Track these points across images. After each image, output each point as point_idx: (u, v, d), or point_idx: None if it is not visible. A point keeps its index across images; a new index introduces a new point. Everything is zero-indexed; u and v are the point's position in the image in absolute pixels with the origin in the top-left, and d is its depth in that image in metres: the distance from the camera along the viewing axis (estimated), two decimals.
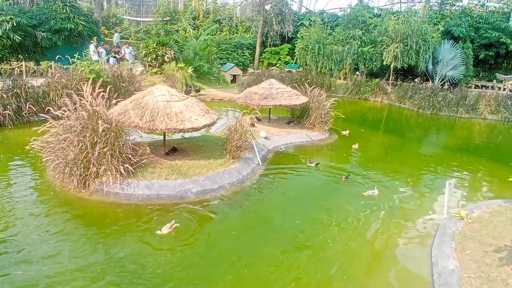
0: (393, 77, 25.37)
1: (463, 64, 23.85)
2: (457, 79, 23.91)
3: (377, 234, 7.15)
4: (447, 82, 23.77)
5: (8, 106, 12.56)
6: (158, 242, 6.47)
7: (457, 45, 24.10)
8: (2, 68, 16.64)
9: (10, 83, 13.14)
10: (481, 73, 26.44)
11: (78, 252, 6.01)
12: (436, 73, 24.27)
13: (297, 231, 7.09)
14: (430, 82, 23.69)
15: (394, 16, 24.46)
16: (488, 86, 24.43)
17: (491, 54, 25.17)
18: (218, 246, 6.48)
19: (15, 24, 17.85)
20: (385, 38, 23.85)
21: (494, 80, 24.30)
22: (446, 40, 24.35)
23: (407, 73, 26.21)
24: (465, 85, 23.56)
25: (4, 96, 12.69)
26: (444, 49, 23.98)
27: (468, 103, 19.98)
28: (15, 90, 12.96)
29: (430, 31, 23.44)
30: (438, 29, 24.45)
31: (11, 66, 17.57)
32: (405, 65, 23.50)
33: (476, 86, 24.71)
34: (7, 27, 17.61)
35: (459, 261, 6.03)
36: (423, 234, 7.26)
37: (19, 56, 19.39)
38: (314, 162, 10.56)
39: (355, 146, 12.66)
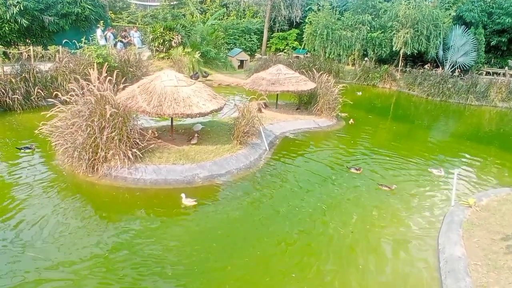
0: (402, 64, 25.05)
1: (474, 51, 23.42)
2: (468, 65, 23.52)
3: (384, 221, 7.15)
4: (457, 68, 23.41)
5: (17, 91, 12.64)
6: (165, 225, 6.56)
7: (468, 30, 23.64)
8: (10, 52, 16.68)
9: (19, 67, 13.20)
10: (492, 59, 26.00)
11: (89, 235, 6.10)
12: (446, 60, 23.88)
13: (306, 218, 7.10)
14: (440, 68, 23.34)
15: (405, 1, 23.99)
16: (499, 73, 24.02)
17: (503, 40, 24.67)
18: (224, 231, 6.54)
19: (22, 8, 17.83)
20: (395, 23, 23.46)
21: (506, 67, 23.85)
22: (457, 25, 23.88)
23: (416, 59, 25.84)
24: (476, 72, 23.17)
25: (13, 80, 12.77)
26: (455, 34, 23.53)
27: (478, 90, 19.70)
28: (23, 75, 13.03)
29: (441, 16, 23.00)
30: (450, 14, 23.97)
31: (19, 50, 17.60)
32: (415, 51, 23.17)
33: (488, 73, 24.31)
34: (14, 11, 17.60)
35: (466, 248, 6.02)
36: (430, 221, 7.24)
37: (27, 40, 19.42)
38: (355, 168, 9.42)
39: (351, 121, 13.94)
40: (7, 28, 17.96)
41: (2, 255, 5.48)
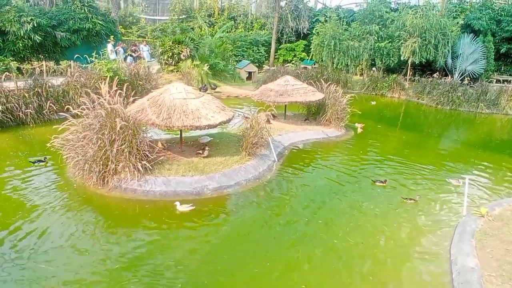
0: (410, 73, 24.99)
1: (483, 58, 23.28)
2: (477, 73, 23.37)
3: (394, 232, 7.07)
4: (467, 77, 23.26)
5: (30, 105, 12.91)
6: (176, 237, 6.58)
7: (477, 38, 23.54)
8: (24, 68, 17.07)
9: (32, 82, 13.49)
10: (502, 67, 25.81)
11: (97, 248, 6.14)
12: (455, 68, 23.77)
13: (317, 229, 7.07)
14: (449, 77, 23.22)
15: (412, 10, 24.04)
16: (510, 81, 23.78)
17: None
18: (234, 245, 6.54)
19: (35, 25, 18.34)
20: (402, 33, 23.48)
21: None
22: (466, 34, 23.82)
23: (425, 68, 25.78)
24: (486, 79, 23.00)
25: (26, 95, 13.05)
26: (463, 43, 23.46)
27: (489, 98, 19.50)
28: (36, 89, 13.31)
29: (449, 24, 22.97)
30: (458, 22, 23.94)
31: (32, 65, 18.01)
32: (423, 60, 23.11)
33: (498, 81, 24.12)
34: (28, 28, 18.10)
35: (479, 259, 5.91)
36: (441, 231, 7.14)
37: (40, 56, 19.89)
38: (380, 180, 9.24)
39: (360, 126, 14.24)
40: (21, 45, 18.47)
41: (8, 266, 5.54)
